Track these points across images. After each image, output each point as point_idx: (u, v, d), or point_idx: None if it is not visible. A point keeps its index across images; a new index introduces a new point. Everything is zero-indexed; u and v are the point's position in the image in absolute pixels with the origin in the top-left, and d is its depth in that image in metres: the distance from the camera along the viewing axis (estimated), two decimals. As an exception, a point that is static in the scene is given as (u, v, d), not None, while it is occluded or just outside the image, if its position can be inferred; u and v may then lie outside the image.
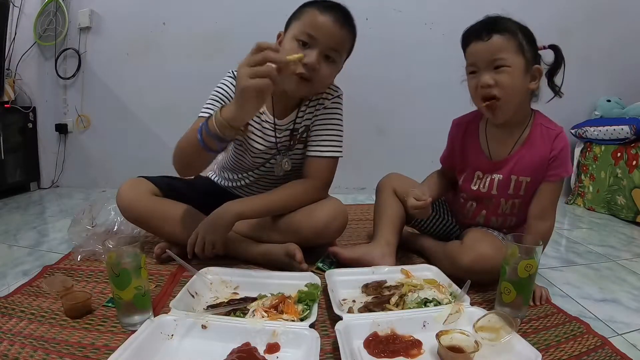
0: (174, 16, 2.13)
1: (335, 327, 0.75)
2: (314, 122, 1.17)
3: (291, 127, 1.17)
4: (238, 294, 0.95)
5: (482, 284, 0.99)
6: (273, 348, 0.73)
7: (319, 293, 0.90)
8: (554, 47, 1.02)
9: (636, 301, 1.04)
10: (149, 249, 1.17)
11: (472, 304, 0.87)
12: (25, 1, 2.11)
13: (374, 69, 2.12)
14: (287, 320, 0.79)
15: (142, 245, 0.80)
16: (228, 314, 0.83)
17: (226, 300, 0.90)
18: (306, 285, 0.92)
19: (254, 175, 1.24)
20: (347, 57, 1.12)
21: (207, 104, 1.11)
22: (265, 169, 1.22)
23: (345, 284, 0.99)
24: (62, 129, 2.25)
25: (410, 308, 0.86)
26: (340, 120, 1.19)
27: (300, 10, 1.06)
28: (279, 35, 1.10)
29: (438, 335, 0.73)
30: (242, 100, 0.83)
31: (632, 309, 1.00)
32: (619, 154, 1.87)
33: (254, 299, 0.87)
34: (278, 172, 1.21)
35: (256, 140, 1.16)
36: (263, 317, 0.80)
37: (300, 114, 1.16)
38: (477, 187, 1.11)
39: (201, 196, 1.23)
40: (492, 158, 1.08)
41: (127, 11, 2.13)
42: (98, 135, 2.27)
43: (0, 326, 0.80)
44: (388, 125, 2.22)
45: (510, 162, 1.05)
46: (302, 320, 0.80)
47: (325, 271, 1.05)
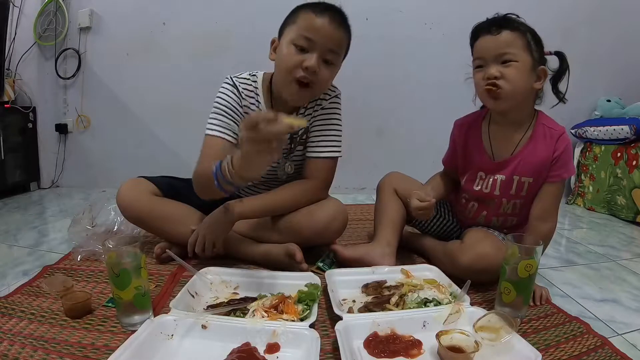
0: (174, 16, 2.13)
1: (335, 327, 0.75)
2: (313, 123, 1.17)
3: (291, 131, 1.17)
4: (238, 294, 0.95)
5: (482, 284, 0.99)
6: (273, 348, 0.73)
7: (319, 293, 0.90)
8: (559, 54, 1.02)
9: (636, 301, 1.04)
10: (149, 249, 1.17)
11: (472, 304, 0.87)
12: (25, 1, 2.11)
13: (374, 69, 2.12)
14: (287, 320, 0.79)
15: (142, 245, 0.80)
16: (228, 314, 0.83)
17: (226, 300, 0.90)
18: (306, 285, 0.92)
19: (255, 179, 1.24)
20: (345, 56, 1.12)
21: (212, 118, 1.10)
22: (267, 172, 1.22)
23: (345, 284, 0.99)
24: (62, 129, 2.25)
25: (410, 308, 0.87)
26: (339, 120, 1.18)
27: (295, 14, 1.04)
28: (272, 42, 1.09)
29: (438, 335, 0.73)
30: (248, 161, 0.81)
31: (632, 309, 1.00)
32: (619, 154, 1.86)
33: (254, 299, 0.87)
34: (281, 175, 1.21)
35: None
36: (263, 317, 0.80)
37: (300, 116, 1.16)
38: (479, 187, 1.11)
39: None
40: (494, 158, 1.08)
41: (127, 11, 2.13)
42: (98, 135, 2.27)
43: (0, 326, 0.80)
44: (388, 125, 2.22)
45: (513, 163, 1.05)
46: (302, 320, 0.80)
47: (325, 271, 1.05)
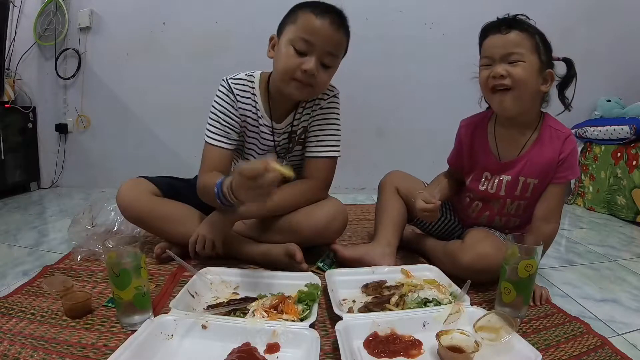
0: (174, 16, 2.13)
1: (335, 327, 0.75)
2: (312, 123, 1.17)
3: (289, 130, 1.17)
4: (238, 294, 0.95)
5: (482, 284, 0.99)
6: (273, 348, 0.73)
7: (319, 293, 0.90)
8: (567, 60, 1.02)
9: (636, 301, 1.04)
10: (149, 249, 1.17)
11: (472, 304, 0.87)
12: (25, 1, 2.10)
13: (374, 69, 2.12)
14: (287, 320, 0.79)
15: (142, 245, 0.80)
16: (228, 314, 0.83)
17: (226, 300, 0.90)
18: (306, 285, 0.92)
19: None
20: (344, 56, 1.11)
21: (209, 125, 1.12)
22: None
23: (345, 284, 0.99)
24: (62, 129, 2.24)
25: (410, 308, 0.86)
26: (337, 119, 1.18)
27: (295, 12, 1.04)
28: (271, 39, 1.09)
29: (438, 335, 0.73)
30: (249, 201, 0.90)
31: (632, 309, 1.00)
32: (619, 154, 1.86)
33: (254, 299, 0.87)
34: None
35: (255, 144, 1.17)
36: (263, 317, 0.80)
37: (297, 115, 1.16)
38: (485, 187, 1.11)
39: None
40: (501, 159, 1.08)
41: (127, 11, 2.13)
42: (98, 135, 2.27)
43: (0, 326, 0.80)
44: (388, 125, 2.22)
45: (519, 164, 1.04)
46: (302, 320, 0.80)
47: (325, 271, 1.05)
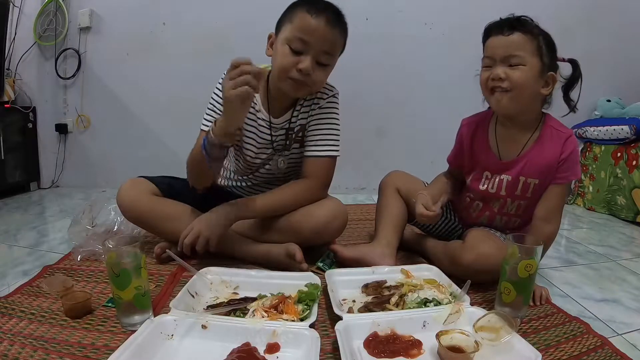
0: (174, 16, 2.13)
1: (335, 327, 0.75)
2: (310, 122, 1.17)
3: (287, 127, 1.17)
4: (238, 294, 0.95)
5: (482, 284, 0.99)
6: (273, 348, 0.73)
7: (319, 293, 0.90)
8: (572, 62, 1.02)
9: (636, 301, 1.04)
10: (149, 249, 1.17)
11: (472, 304, 0.87)
12: (25, 1, 2.10)
13: (374, 68, 2.12)
14: (287, 320, 0.79)
15: (142, 245, 0.80)
16: (228, 314, 0.83)
17: (226, 300, 0.90)
18: (306, 285, 0.92)
19: (254, 179, 1.25)
20: (342, 53, 1.11)
21: (206, 114, 1.15)
22: (265, 171, 1.23)
23: (345, 284, 0.99)
24: (62, 129, 2.24)
25: (410, 308, 0.86)
26: (336, 119, 1.18)
27: (291, 11, 1.04)
28: (269, 37, 1.09)
29: (438, 335, 0.73)
30: (229, 109, 0.94)
31: (632, 309, 1.00)
32: (619, 154, 1.86)
33: (254, 299, 0.87)
34: (276, 172, 1.21)
35: (253, 138, 1.17)
36: (263, 317, 0.80)
37: (295, 113, 1.16)
38: (485, 187, 1.11)
39: (201, 196, 1.23)
40: (501, 158, 1.08)
41: (127, 11, 2.13)
42: (98, 135, 2.27)
43: (0, 326, 0.80)
44: (388, 125, 2.22)
45: (520, 163, 1.04)
46: (302, 320, 0.80)
47: (325, 271, 1.05)
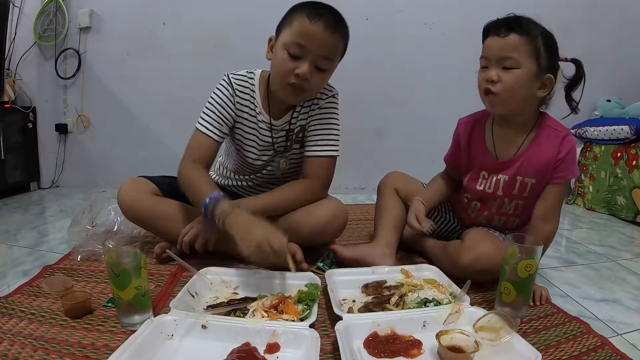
0: (174, 16, 2.13)
1: (335, 327, 0.75)
2: (310, 123, 1.17)
3: (287, 128, 1.17)
4: (238, 294, 0.95)
5: (482, 284, 0.99)
6: (273, 348, 0.73)
7: (319, 293, 0.90)
8: (576, 62, 1.01)
9: (636, 301, 1.04)
10: (149, 249, 1.17)
11: (472, 304, 0.87)
12: (25, 1, 2.10)
13: (374, 68, 2.12)
14: (287, 320, 0.79)
15: (142, 245, 0.80)
16: (228, 314, 0.83)
17: (226, 300, 0.90)
18: (306, 285, 0.92)
19: (256, 180, 1.25)
20: (342, 58, 1.10)
21: (204, 113, 1.12)
22: (267, 172, 1.23)
23: (345, 284, 0.99)
24: (62, 129, 2.24)
25: (410, 308, 0.86)
26: (336, 119, 1.18)
27: (291, 14, 1.03)
28: (270, 40, 1.09)
29: (438, 335, 0.73)
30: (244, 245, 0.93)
31: (632, 309, 1.00)
32: (619, 154, 1.86)
33: (254, 299, 0.87)
34: (277, 173, 1.21)
35: (254, 141, 1.17)
36: (263, 317, 0.80)
37: (295, 114, 1.16)
38: (482, 187, 1.11)
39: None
40: (498, 158, 1.08)
41: (127, 11, 2.13)
42: (98, 135, 2.27)
43: (0, 326, 0.80)
44: (388, 125, 2.22)
45: (517, 163, 1.04)
46: (302, 320, 0.80)
47: (325, 271, 1.05)
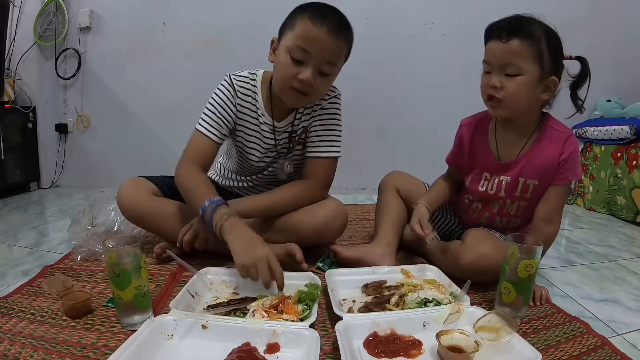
0: (174, 16, 2.13)
1: (335, 327, 0.75)
2: (312, 123, 1.16)
3: (289, 130, 1.17)
4: (238, 294, 0.95)
5: (482, 284, 0.99)
6: (273, 348, 0.73)
7: (319, 293, 0.90)
8: (581, 59, 0.99)
9: (636, 301, 1.04)
10: (149, 249, 1.17)
11: (472, 304, 0.87)
12: (25, 1, 2.10)
13: (374, 69, 2.12)
14: (287, 320, 0.79)
15: (142, 245, 0.80)
16: (228, 314, 0.83)
17: (226, 300, 0.90)
18: (306, 285, 0.92)
19: (257, 180, 1.25)
20: (345, 61, 1.08)
21: (204, 114, 1.12)
22: (268, 173, 1.23)
23: (345, 284, 0.99)
24: (62, 129, 2.25)
25: (410, 308, 0.86)
26: (338, 120, 1.18)
27: (294, 17, 1.01)
28: (272, 42, 1.08)
29: (438, 335, 0.73)
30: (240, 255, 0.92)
31: (632, 309, 1.00)
32: (619, 154, 1.86)
33: (254, 299, 0.87)
34: (281, 175, 1.21)
35: (257, 143, 1.17)
36: (263, 317, 0.80)
37: (298, 115, 1.16)
38: (484, 188, 1.10)
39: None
40: (500, 159, 1.07)
41: (127, 11, 2.13)
42: (98, 135, 2.27)
43: (0, 326, 0.80)
44: (388, 125, 2.22)
45: (519, 164, 1.04)
46: (302, 320, 0.80)
47: (325, 271, 1.05)
